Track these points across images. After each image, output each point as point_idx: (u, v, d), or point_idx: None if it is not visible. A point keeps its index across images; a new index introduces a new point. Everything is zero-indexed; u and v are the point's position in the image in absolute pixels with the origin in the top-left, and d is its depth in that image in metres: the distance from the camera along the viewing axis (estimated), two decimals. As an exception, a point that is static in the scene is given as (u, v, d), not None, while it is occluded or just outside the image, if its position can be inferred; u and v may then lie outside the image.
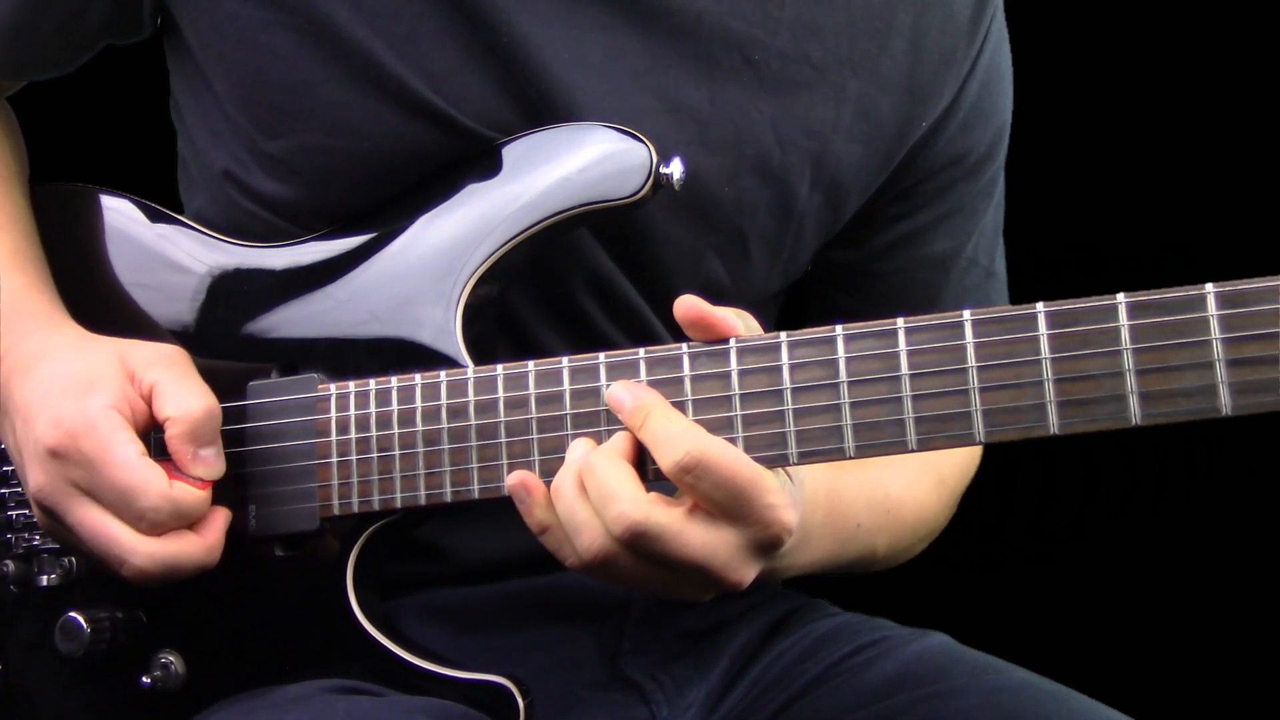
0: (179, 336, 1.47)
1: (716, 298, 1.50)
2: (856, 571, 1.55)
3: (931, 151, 1.57)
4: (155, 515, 1.32)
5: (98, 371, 1.36)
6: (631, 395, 1.25)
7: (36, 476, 1.34)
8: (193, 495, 1.33)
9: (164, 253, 1.50)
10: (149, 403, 1.36)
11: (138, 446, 1.33)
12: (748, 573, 1.24)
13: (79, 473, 1.32)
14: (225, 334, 1.45)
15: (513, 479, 1.26)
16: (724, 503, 1.20)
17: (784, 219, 1.52)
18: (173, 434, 1.34)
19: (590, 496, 1.22)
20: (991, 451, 1.53)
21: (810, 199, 1.52)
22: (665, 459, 1.20)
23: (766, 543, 1.22)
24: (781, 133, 1.48)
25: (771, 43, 1.47)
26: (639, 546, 1.20)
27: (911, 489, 1.58)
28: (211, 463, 1.35)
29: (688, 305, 1.26)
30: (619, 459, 1.23)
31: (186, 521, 1.34)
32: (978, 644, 1.52)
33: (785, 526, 1.22)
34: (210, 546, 1.35)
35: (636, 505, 1.20)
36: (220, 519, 1.36)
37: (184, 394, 1.35)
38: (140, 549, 1.32)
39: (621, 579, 1.25)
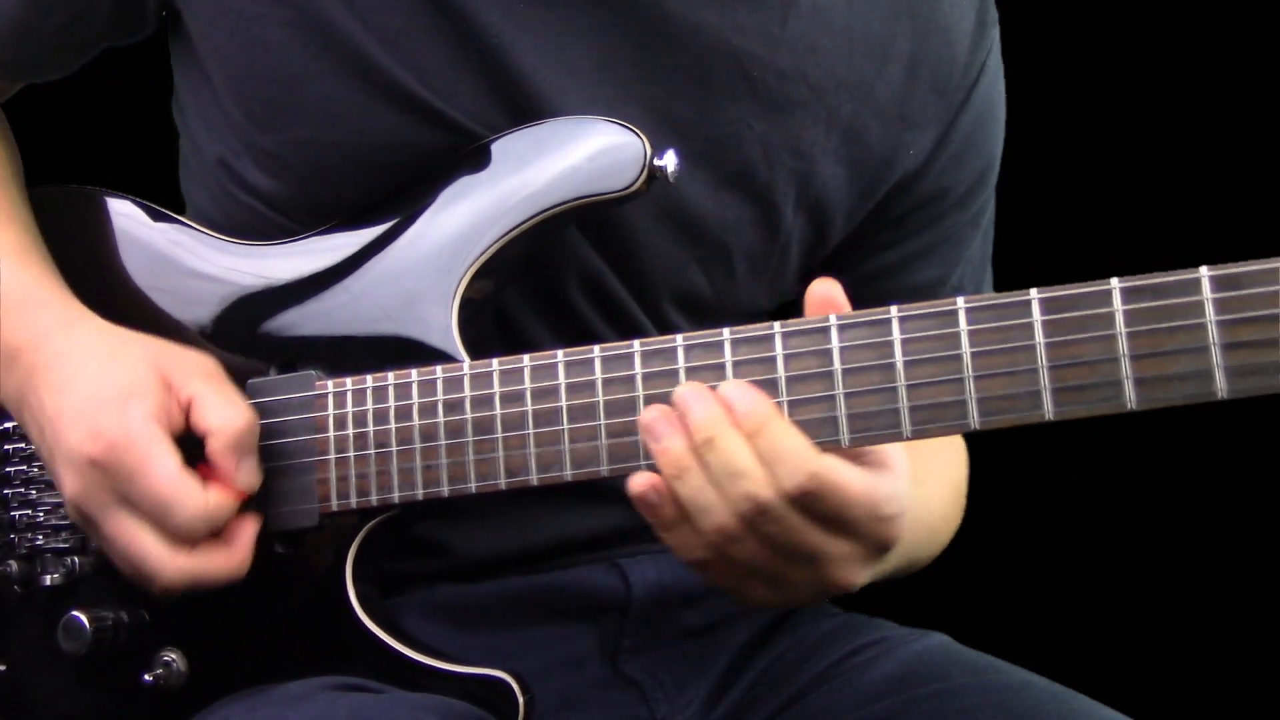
0: (178, 335, 1.47)
1: (698, 309, 1.52)
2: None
3: (922, 182, 1.57)
4: (191, 528, 1.33)
5: (136, 380, 1.36)
6: (750, 398, 1.21)
7: (75, 484, 1.35)
8: (227, 506, 1.35)
9: (164, 252, 1.51)
10: (186, 412, 1.37)
11: (177, 460, 1.33)
12: (860, 574, 1.24)
13: (118, 483, 1.33)
14: (225, 332, 1.46)
15: (641, 485, 1.22)
16: (837, 522, 1.20)
17: (770, 237, 1.52)
18: (216, 446, 1.35)
19: (759, 454, 1.19)
20: (992, 451, 1.53)
21: (795, 219, 1.53)
22: (787, 479, 1.18)
23: (877, 548, 1.23)
24: (770, 150, 1.48)
25: (770, 60, 1.47)
26: (809, 502, 1.18)
27: (944, 504, 1.60)
28: (253, 472, 1.37)
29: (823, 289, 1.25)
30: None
31: (217, 529, 1.35)
32: (978, 644, 1.52)
33: (893, 538, 1.22)
34: (239, 561, 1.36)
35: (809, 460, 1.18)
36: (249, 531, 1.37)
37: (226, 406, 1.36)
38: (171, 565, 1.34)
39: (736, 567, 1.23)
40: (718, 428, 1.20)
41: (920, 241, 1.61)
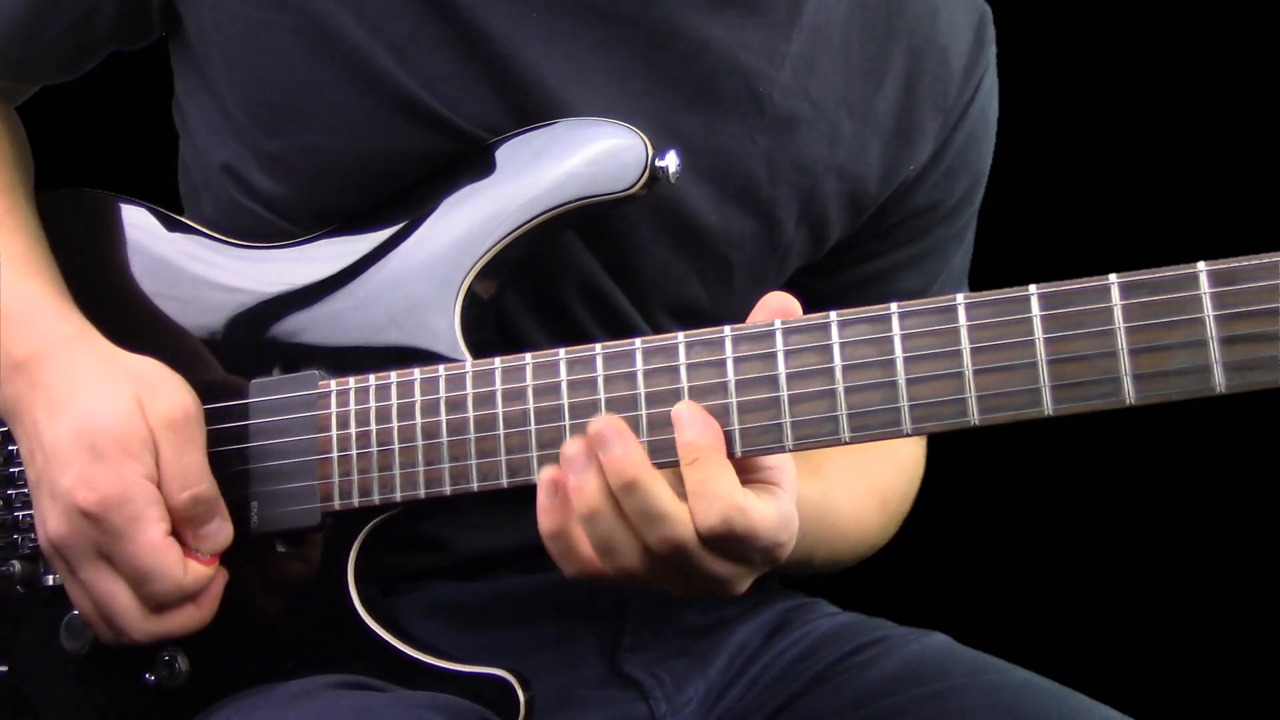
0: (184, 336, 1.47)
1: (693, 318, 1.52)
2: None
3: (915, 195, 1.59)
4: (165, 599, 1.36)
5: (130, 431, 1.35)
6: (695, 430, 1.24)
7: (59, 526, 1.36)
8: (203, 577, 1.37)
9: (170, 255, 1.51)
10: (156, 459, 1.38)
11: (164, 525, 1.35)
12: (746, 586, 1.28)
13: (104, 539, 1.34)
14: (229, 333, 1.46)
15: (551, 474, 1.25)
16: (740, 555, 1.24)
17: (770, 250, 1.53)
18: (175, 514, 1.36)
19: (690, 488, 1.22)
20: (992, 452, 1.53)
21: (796, 233, 1.53)
22: (703, 516, 1.21)
23: (768, 566, 1.27)
24: (774, 166, 1.49)
25: (776, 77, 1.48)
26: (720, 542, 1.22)
27: (856, 509, 1.60)
28: (213, 538, 1.38)
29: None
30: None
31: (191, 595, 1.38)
32: (978, 644, 1.52)
33: (783, 558, 1.27)
34: (204, 618, 1.38)
35: (734, 500, 1.21)
36: (218, 586, 1.39)
37: (179, 474, 1.36)
38: (140, 626, 1.36)
39: (631, 582, 1.27)
40: (640, 471, 1.22)
41: (906, 253, 1.63)
